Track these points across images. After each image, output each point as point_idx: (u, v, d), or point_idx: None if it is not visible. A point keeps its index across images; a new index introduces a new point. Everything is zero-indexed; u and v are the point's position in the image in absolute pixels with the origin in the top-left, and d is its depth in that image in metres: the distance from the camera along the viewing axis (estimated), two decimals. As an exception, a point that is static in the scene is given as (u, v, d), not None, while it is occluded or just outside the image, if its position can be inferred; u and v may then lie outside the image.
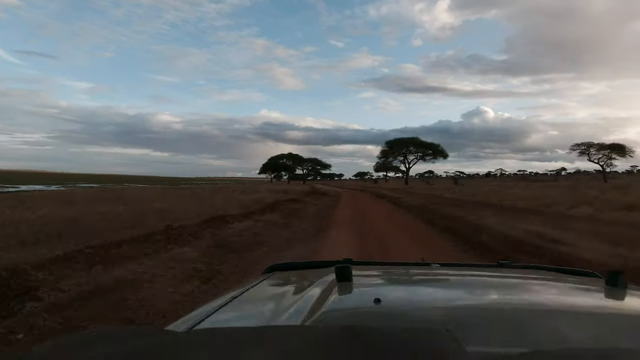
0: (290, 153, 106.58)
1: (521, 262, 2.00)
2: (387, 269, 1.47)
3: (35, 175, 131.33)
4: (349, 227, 11.14)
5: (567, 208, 14.73)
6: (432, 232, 9.95)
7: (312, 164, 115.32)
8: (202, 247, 7.06)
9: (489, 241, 7.67)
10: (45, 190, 34.14)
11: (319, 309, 0.81)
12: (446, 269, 1.44)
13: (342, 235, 9.39)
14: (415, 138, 70.94)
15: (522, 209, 15.40)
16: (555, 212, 14.16)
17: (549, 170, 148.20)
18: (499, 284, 1.18)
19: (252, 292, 1.15)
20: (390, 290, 1.16)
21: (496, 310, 0.85)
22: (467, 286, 1.16)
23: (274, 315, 0.87)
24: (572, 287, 1.17)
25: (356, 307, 0.89)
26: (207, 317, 0.89)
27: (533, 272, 1.40)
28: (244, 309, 1.04)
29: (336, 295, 0.91)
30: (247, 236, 8.76)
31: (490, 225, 9.43)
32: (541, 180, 73.39)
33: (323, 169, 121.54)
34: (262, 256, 6.86)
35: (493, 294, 1.09)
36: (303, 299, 0.92)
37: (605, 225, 9.56)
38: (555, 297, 1.05)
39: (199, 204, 16.16)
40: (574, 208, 14.42)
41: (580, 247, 6.63)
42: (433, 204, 18.91)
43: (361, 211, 17.39)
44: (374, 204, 23.32)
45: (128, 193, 23.02)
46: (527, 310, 0.86)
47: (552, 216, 12.19)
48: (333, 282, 1.00)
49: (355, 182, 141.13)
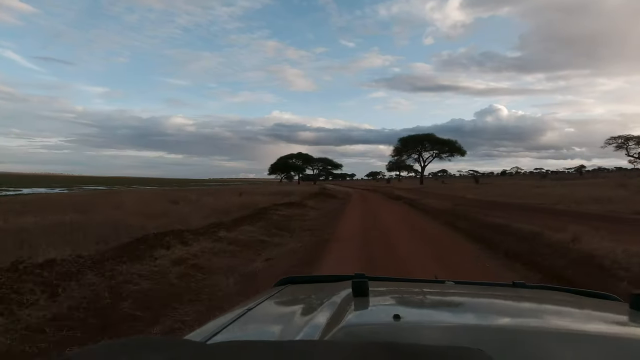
0: (300, 153, 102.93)
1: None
2: (402, 285, 1.44)
3: (50, 178, 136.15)
4: (356, 250, 7.31)
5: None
6: (501, 262, 5.98)
7: (323, 163, 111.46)
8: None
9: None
10: (35, 193, 31.59)
11: (337, 324, 0.80)
12: (460, 287, 1.37)
13: (345, 268, 5.59)
14: (431, 135, 66.44)
15: (603, 216, 11.31)
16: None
17: (567, 168, 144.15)
18: (518, 305, 1.14)
19: (267, 305, 1.13)
20: (407, 306, 1.13)
21: (515, 332, 0.82)
22: (485, 306, 1.12)
23: (292, 328, 0.84)
24: (594, 310, 1.09)
25: (376, 322, 0.87)
26: (224, 329, 0.88)
27: (550, 294, 1.32)
28: (260, 321, 1.03)
29: (354, 311, 0.90)
30: (171, 277, 5.00)
31: (607, 251, 5.24)
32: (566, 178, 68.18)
33: (334, 169, 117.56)
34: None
35: (512, 315, 1.04)
36: (320, 313, 0.90)
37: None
38: (577, 320, 1.00)
39: (167, 211, 12.55)
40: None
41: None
42: (459, 205, 15.10)
43: (373, 219, 13.46)
44: (388, 207, 19.38)
45: (114, 198, 19.67)
46: (547, 333, 0.80)
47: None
48: (349, 297, 0.99)
49: (367, 182, 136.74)
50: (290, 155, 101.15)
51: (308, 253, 7.00)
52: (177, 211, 12.75)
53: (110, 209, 12.65)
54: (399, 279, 1.53)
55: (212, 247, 7.03)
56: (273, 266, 6.11)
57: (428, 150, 67.51)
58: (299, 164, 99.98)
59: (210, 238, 7.79)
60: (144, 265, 5.20)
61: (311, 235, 9.67)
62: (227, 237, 8.17)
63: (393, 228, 10.83)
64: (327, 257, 6.47)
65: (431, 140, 65.83)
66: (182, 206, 14.75)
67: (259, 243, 8.12)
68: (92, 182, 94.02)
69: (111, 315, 3.63)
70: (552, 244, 6.23)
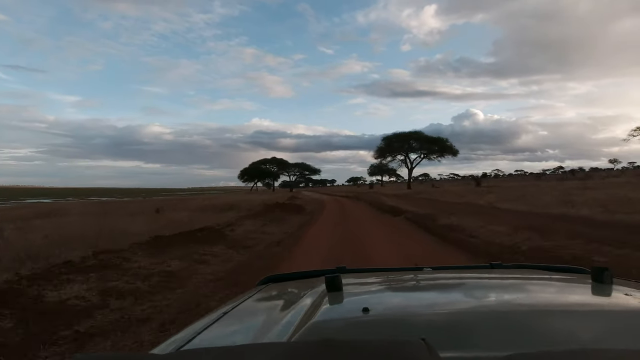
0: (274, 157, 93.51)
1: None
2: (380, 275, 1.43)
3: (16, 191, 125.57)
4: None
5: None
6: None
7: (300, 169, 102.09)
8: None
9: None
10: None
11: (308, 321, 0.79)
12: (438, 272, 1.38)
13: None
14: (418, 132, 58.04)
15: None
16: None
17: (545, 170, 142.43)
18: (489, 285, 1.16)
19: (244, 307, 1.13)
20: (380, 298, 1.13)
21: (485, 313, 0.83)
22: (458, 289, 1.14)
23: (264, 329, 0.84)
24: (559, 285, 1.14)
25: (344, 317, 0.87)
26: (197, 336, 0.86)
27: (523, 272, 1.37)
28: (235, 324, 1.02)
29: (326, 306, 0.89)
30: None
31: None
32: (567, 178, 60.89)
33: (312, 174, 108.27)
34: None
35: (483, 296, 1.05)
36: (294, 311, 0.90)
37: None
38: (542, 295, 1.03)
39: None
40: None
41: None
42: (538, 232, 6.63)
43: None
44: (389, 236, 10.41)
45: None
46: (516, 311, 0.83)
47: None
48: (324, 292, 0.98)
49: (348, 187, 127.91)
50: (264, 160, 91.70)
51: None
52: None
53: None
54: (377, 269, 1.57)
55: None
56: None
57: (415, 151, 59.29)
58: (273, 169, 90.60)
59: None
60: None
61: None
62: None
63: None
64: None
65: (419, 139, 57.46)
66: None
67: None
68: (59, 194, 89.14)
69: None
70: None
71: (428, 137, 57.11)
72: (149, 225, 10.48)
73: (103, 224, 9.97)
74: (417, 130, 58.07)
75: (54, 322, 3.66)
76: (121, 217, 13.61)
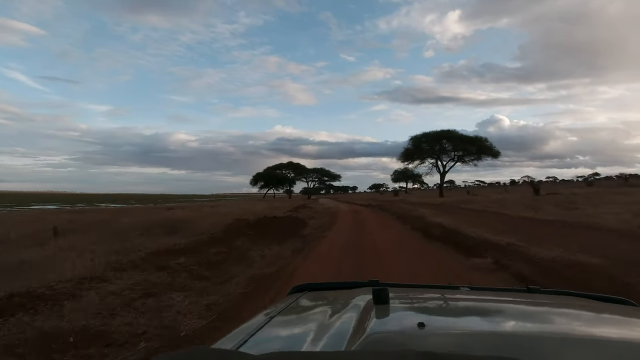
0: (291, 162, 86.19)
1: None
2: (418, 291, 1.41)
3: (53, 196, 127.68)
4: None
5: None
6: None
7: (318, 174, 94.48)
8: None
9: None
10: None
11: (362, 332, 0.78)
12: (476, 293, 1.33)
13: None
14: (451, 131, 49.39)
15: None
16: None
17: (578, 177, 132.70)
18: (534, 311, 1.12)
19: (288, 313, 1.12)
20: (429, 314, 1.09)
21: (538, 339, 0.80)
22: (505, 312, 1.08)
23: (317, 337, 0.82)
24: (610, 315, 1.07)
25: (402, 330, 0.85)
26: (250, 337, 0.86)
27: (565, 299, 1.28)
28: (284, 330, 1.01)
29: (377, 319, 0.88)
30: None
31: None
32: (615, 185, 50.97)
33: (332, 180, 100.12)
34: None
35: (533, 321, 1.01)
36: (343, 321, 0.89)
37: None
38: (594, 326, 0.98)
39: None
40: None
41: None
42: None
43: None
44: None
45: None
46: (568, 339, 0.79)
47: None
48: (369, 304, 0.98)
49: (370, 195, 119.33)
50: (279, 165, 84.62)
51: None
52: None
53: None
54: (415, 285, 1.51)
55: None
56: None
57: (448, 153, 50.71)
58: (289, 175, 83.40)
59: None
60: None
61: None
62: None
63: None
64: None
65: (452, 139, 48.81)
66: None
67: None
68: (86, 199, 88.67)
69: None
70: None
71: (463, 136, 48.20)
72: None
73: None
74: (450, 129, 49.57)
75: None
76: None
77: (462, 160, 49.90)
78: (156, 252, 7.11)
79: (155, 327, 3.73)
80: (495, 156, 47.69)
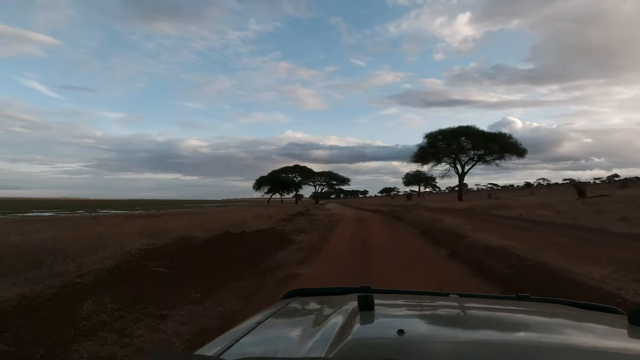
0: (297, 165, 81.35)
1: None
2: (407, 297, 1.42)
3: (71, 203, 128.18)
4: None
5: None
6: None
7: (327, 178, 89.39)
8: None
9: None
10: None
11: (343, 339, 0.78)
12: (465, 300, 1.32)
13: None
14: (471, 127, 43.95)
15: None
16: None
17: (595, 178, 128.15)
18: (522, 319, 1.10)
19: (276, 318, 1.13)
20: (412, 321, 1.10)
21: (522, 347, 0.78)
22: (490, 320, 1.07)
23: (301, 343, 0.83)
24: (596, 324, 1.07)
25: (380, 337, 0.85)
26: (236, 342, 0.87)
27: (554, 307, 1.28)
28: (270, 335, 1.02)
29: (359, 325, 0.88)
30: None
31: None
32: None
33: (340, 184, 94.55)
34: None
35: (518, 329, 1.00)
36: (327, 327, 0.89)
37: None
38: (580, 334, 0.98)
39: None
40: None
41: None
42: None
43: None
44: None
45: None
46: (553, 348, 0.78)
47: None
48: (355, 311, 0.98)
49: (381, 199, 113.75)
50: (285, 168, 79.85)
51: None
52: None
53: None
54: (404, 292, 1.50)
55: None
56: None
57: (467, 152, 45.30)
58: (296, 178, 78.56)
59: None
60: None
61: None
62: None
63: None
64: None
65: (472, 136, 43.40)
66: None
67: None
68: (100, 205, 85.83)
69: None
70: None
71: (485, 133, 42.74)
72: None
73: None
74: (469, 125, 44.18)
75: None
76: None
77: (482, 160, 44.48)
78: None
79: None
80: (520, 154, 42.11)
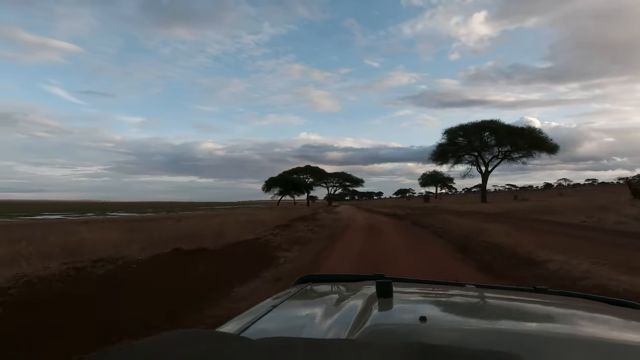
0: (309, 166, 78.14)
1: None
2: (423, 286, 1.39)
3: (91, 205, 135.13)
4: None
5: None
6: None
7: (339, 179, 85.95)
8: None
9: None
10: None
11: (363, 324, 0.78)
12: (482, 290, 1.30)
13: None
14: (495, 121, 40.02)
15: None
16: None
17: (620, 177, 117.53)
18: (543, 311, 1.08)
19: (291, 303, 1.12)
20: (432, 308, 1.09)
21: (542, 339, 0.76)
22: (511, 311, 1.05)
23: (319, 326, 0.82)
24: (615, 318, 1.02)
25: (402, 323, 0.84)
26: (252, 324, 0.87)
27: (573, 300, 1.24)
28: (286, 319, 1.02)
29: (379, 311, 0.88)
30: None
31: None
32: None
33: (354, 185, 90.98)
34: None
35: (538, 320, 0.98)
36: (345, 312, 0.88)
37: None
38: (599, 328, 0.94)
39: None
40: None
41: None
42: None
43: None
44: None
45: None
46: (573, 340, 0.76)
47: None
48: (373, 296, 0.98)
49: (396, 201, 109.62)
50: (296, 169, 76.81)
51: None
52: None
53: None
54: (420, 281, 1.48)
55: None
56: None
57: (490, 148, 41.30)
58: (307, 180, 75.45)
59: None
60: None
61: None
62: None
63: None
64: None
65: (497, 130, 39.32)
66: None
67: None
68: (116, 208, 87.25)
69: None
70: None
71: (511, 127, 38.68)
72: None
73: None
74: (492, 119, 40.20)
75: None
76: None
77: (509, 157, 40.43)
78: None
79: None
80: (552, 151, 37.87)
